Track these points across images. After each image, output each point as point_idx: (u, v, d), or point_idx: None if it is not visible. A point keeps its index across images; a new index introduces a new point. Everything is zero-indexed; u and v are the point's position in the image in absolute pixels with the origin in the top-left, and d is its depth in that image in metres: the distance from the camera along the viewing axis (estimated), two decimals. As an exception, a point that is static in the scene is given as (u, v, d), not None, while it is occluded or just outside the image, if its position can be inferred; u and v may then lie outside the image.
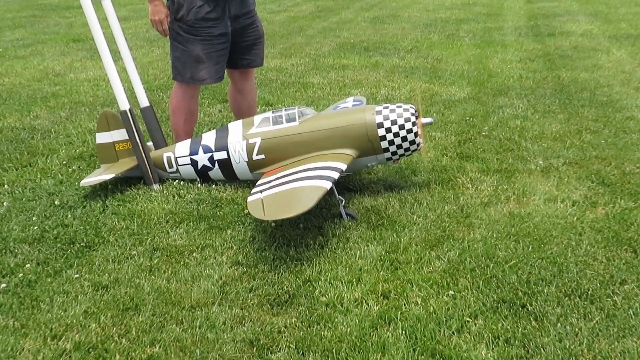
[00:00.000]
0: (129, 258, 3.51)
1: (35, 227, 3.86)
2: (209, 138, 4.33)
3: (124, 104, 4.40)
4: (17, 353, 2.75)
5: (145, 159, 4.39)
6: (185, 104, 4.82)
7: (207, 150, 4.29)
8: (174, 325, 2.90)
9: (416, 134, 3.98)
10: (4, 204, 4.22)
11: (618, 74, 7.49)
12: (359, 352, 2.68)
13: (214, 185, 4.35)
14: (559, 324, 2.82)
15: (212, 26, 4.52)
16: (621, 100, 6.34)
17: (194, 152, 4.33)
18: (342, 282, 3.18)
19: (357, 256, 3.43)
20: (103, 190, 4.40)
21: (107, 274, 3.34)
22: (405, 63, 8.38)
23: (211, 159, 4.28)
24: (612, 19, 11.95)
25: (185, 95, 4.80)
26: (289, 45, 9.86)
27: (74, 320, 2.95)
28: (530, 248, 3.46)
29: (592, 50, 8.97)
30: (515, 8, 13.76)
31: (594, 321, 2.84)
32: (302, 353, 2.69)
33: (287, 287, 3.17)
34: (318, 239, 3.62)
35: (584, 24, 11.33)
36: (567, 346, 2.69)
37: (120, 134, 4.44)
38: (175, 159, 4.39)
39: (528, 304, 2.97)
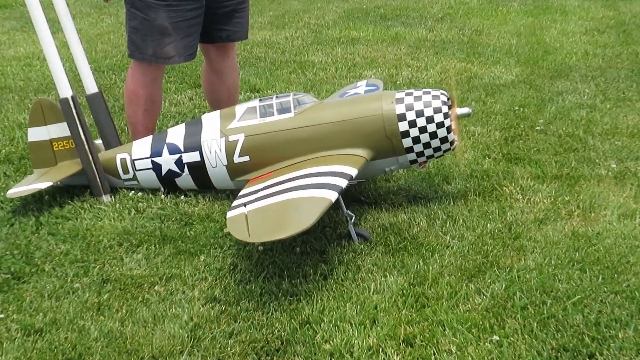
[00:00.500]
0: (71, 293, 3.50)
1: (-53, 252, 3.88)
2: (176, 135, 4.34)
3: (66, 90, 4.41)
4: None
5: (92, 162, 4.39)
6: (145, 89, 4.83)
7: (174, 150, 4.30)
8: (129, 382, 2.90)
9: (449, 129, 3.98)
10: None
11: None
12: (374, 418, 2.68)
13: (182, 197, 4.36)
14: (638, 380, 2.82)
15: None
16: None
17: (156, 152, 4.35)
18: (351, 325, 3.17)
19: (372, 290, 3.42)
20: (37, 203, 4.40)
21: (41, 314, 3.32)
22: (435, 35, 8.41)
23: (179, 162, 4.29)
24: None
25: (146, 78, 4.82)
26: (281, 13, 9.91)
27: (-2, 375, 2.95)
28: (600, 279, 3.44)
29: (681, 18, 8.98)
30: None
31: (686, 376, 2.84)
32: (299, 419, 2.69)
33: (279, 331, 3.15)
34: (320, 268, 3.61)
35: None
36: (650, 409, 2.69)
37: (59, 129, 4.45)
38: (132, 161, 4.40)
39: (597, 353, 2.95)
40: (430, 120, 3.93)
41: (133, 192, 4.45)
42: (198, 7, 4.63)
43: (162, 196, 4.38)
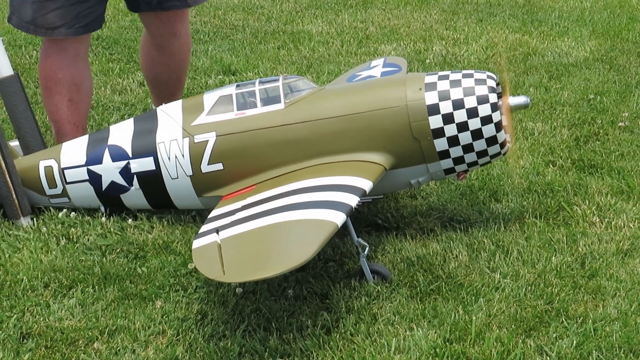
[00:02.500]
0: (-22, 352, 3.51)
1: None
2: (121, 134, 4.38)
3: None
4: None
5: (6, 171, 4.40)
6: (65, 71, 4.90)
7: (118, 155, 4.33)
8: None
9: (498, 126, 4.00)
10: None
11: None
12: None
13: (130, 220, 4.39)
14: None
15: None
16: None
17: (94, 159, 4.38)
18: (366, 396, 3.20)
19: (393, 348, 3.42)
20: None
21: (-63, 382, 3.35)
22: (478, -3, 8.46)
23: (126, 172, 4.32)
24: None
25: (63, 56, 4.89)
26: (265, -35, 9.96)
27: None
28: None
29: None
30: None
31: None
32: None
33: (265, 405, 3.18)
34: (321, 317, 3.62)
35: None
36: None
37: (-40, 127, 4.47)
38: (61, 171, 4.43)
39: None
40: (473, 113, 3.95)
41: (63, 212, 4.47)
42: None
43: (103, 219, 4.41)
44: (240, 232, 3.54)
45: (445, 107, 3.94)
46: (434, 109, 3.94)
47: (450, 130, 3.95)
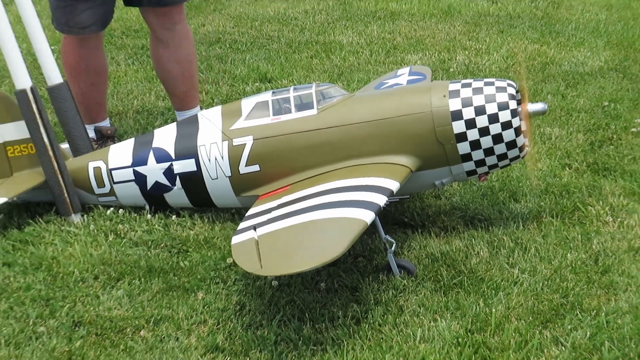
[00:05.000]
0: (34, 338, 3.53)
1: None
2: (165, 137, 4.41)
3: (23, 80, 4.46)
4: None
5: (58, 171, 4.44)
6: (87, 61, 5.10)
7: (162, 157, 4.36)
8: None
9: (518, 131, 4.00)
10: None
11: None
12: None
13: (174, 217, 4.43)
14: None
15: None
16: None
17: (140, 160, 4.41)
18: (393, 382, 3.22)
19: (418, 338, 3.44)
20: (-14, 223, 4.46)
21: (-4, 366, 3.38)
22: (500, 9, 8.44)
23: (169, 173, 4.35)
24: None
25: (82, 46, 5.07)
26: (299, -21, 9.95)
27: None
28: None
29: None
30: None
31: None
32: None
33: (300, 389, 3.20)
34: (351, 309, 3.65)
35: None
36: None
37: (16, 130, 4.52)
38: (109, 172, 4.47)
39: None
40: (494, 119, 3.95)
41: (111, 210, 4.50)
42: None
43: (148, 216, 4.44)
44: (276, 229, 3.56)
45: (468, 113, 3.95)
46: (457, 115, 3.95)
47: (473, 134, 3.96)
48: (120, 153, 4.47)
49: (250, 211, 3.86)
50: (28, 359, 3.41)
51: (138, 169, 4.40)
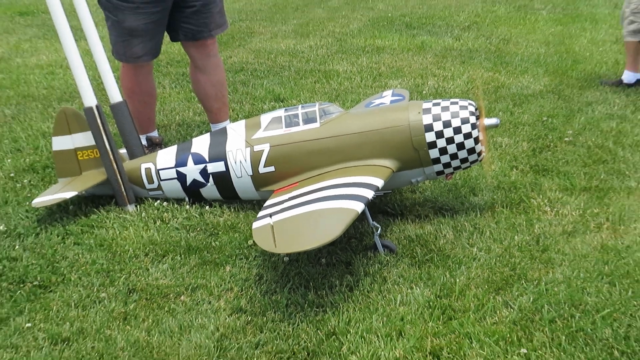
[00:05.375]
0: (97, 302, 3.54)
1: (-27, 261, 3.94)
2: (201, 144, 4.39)
3: (90, 99, 4.46)
4: None
5: (117, 171, 4.45)
6: (140, 85, 5.13)
7: (198, 160, 4.34)
8: (156, 392, 2.96)
9: (477, 140, 3.99)
10: None
11: None
12: None
13: (207, 207, 4.41)
14: (668, 395, 2.84)
15: None
16: None
17: (181, 162, 4.39)
18: (377, 336, 3.20)
19: (398, 302, 3.45)
20: (62, 212, 4.46)
21: (68, 323, 3.37)
22: (462, 44, 8.42)
23: (204, 172, 4.34)
24: None
25: (137, 74, 5.08)
26: (305, 21, 9.95)
27: (26, 384, 3.01)
28: (630, 292, 3.45)
29: None
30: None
31: None
32: None
33: (305, 341, 3.19)
34: (346, 279, 3.64)
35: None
36: None
37: (84, 139, 4.50)
38: (157, 171, 4.46)
39: (627, 368, 2.98)
40: (457, 131, 3.94)
41: (158, 202, 4.49)
42: (163, 9, 4.83)
43: (187, 206, 4.43)
44: (287, 216, 3.56)
45: (438, 126, 3.93)
46: (429, 127, 3.93)
47: (441, 143, 3.94)
48: (166, 157, 4.46)
49: (267, 202, 3.85)
50: (92, 318, 3.42)
51: (180, 169, 4.39)
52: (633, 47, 6.67)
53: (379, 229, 3.88)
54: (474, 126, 3.96)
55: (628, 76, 6.69)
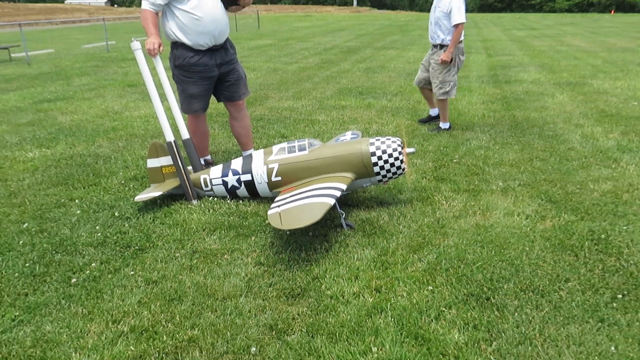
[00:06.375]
0: (174, 259, 3.52)
1: (99, 234, 3.88)
2: (237, 164, 4.35)
3: (169, 136, 4.43)
4: (85, 334, 2.77)
5: (186, 180, 4.40)
6: (199, 128, 5.05)
7: (235, 173, 4.30)
8: (209, 313, 2.91)
9: (402, 161, 3.99)
10: (75, 214, 4.24)
11: (561, 113, 7.53)
12: (357, 335, 2.69)
13: (240, 201, 4.36)
14: (516, 313, 2.83)
15: (201, 71, 4.70)
16: (564, 134, 6.38)
17: (225, 174, 4.35)
18: (343, 279, 3.19)
19: (355, 258, 3.44)
20: (153, 204, 4.41)
21: (156, 272, 3.35)
22: (392, 104, 8.43)
23: (239, 180, 4.29)
24: (556, 69, 12.03)
25: (196, 121, 5.02)
26: (299, 90, 9.93)
27: (130, 309, 2.96)
28: (492, 252, 3.47)
29: (540, 94, 9.02)
30: (478, 61, 13.86)
31: (544, 311, 2.85)
32: (312, 336, 2.70)
33: (299, 282, 3.17)
34: (324, 244, 3.63)
35: (533, 73, 11.41)
36: (523, 331, 2.70)
37: (166, 160, 4.47)
38: (210, 180, 4.40)
39: (491, 297, 2.97)
40: (390, 155, 3.94)
41: (211, 198, 4.43)
42: (211, 83, 4.83)
43: (228, 201, 4.37)
44: (289, 207, 3.54)
45: (379, 153, 3.92)
46: (373, 154, 3.92)
47: (380, 163, 3.93)
48: (215, 171, 4.41)
49: (277, 198, 3.82)
50: (170, 268, 3.38)
51: (224, 178, 4.34)
52: (443, 104, 6.56)
53: (344, 214, 3.88)
54: (400, 153, 3.96)
55: (444, 125, 6.64)
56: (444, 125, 6.65)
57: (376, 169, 3.97)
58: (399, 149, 3.97)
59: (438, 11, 6.12)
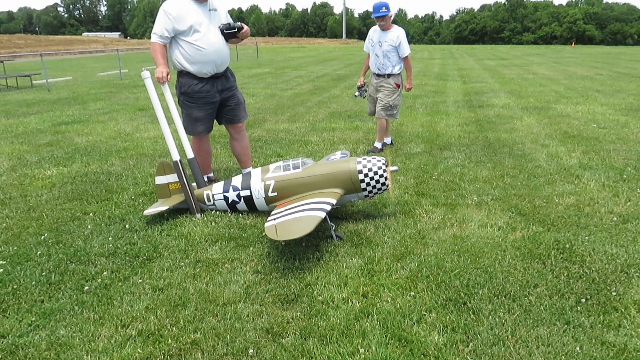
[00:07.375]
0: (179, 268, 3.48)
1: (110, 245, 3.84)
2: (237, 180, 4.33)
3: (175, 156, 4.40)
4: (96, 338, 2.73)
5: (190, 195, 4.38)
6: (202, 148, 5.03)
7: (235, 189, 4.28)
8: (211, 318, 2.87)
9: (386, 178, 3.99)
10: (88, 227, 4.20)
11: (528, 134, 7.60)
12: (346, 338, 2.66)
13: (240, 215, 4.33)
14: (490, 317, 2.82)
15: (204, 97, 4.70)
16: (531, 153, 6.42)
17: (226, 190, 4.33)
18: (333, 286, 3.16)
19: (344, 267, 3.42)
20: (160, 217, 4.38)
21: (162, 280, 3.31)
22: (372, 142, 8.46)
23: (238, 196, 4.27)
24: (524, 95, 12.16)
25: (200, 142, 4.99)
26: (294, 114, 9.96)
27: (138, 314, 2.92)
28: (468, 261, 3.46)
29: (510, 117, 9.10)
30: (454, 87, 14.00)
31: (516, 315, 2.84)
32: (305, 338, 2.67)
33: (293, 289, 3.14)
34: (315, 254, 3.60)
35: (503, 99, 11.52)
36: (497, 333, 2.68)
37: (173, 177, 4.44)
38: (212, 195, 4.38)
39: (468, 302, 2.96)
40: (375, 173, 3.94)
41: (213, 212, 4.40)
42: (213, 107, 4.82)
43: (229, 215, 4.34)
44: (284, 220, 3.52)
45: (365, 171, 3.93)
46: (360, 172, 3.93)
47: (367, 180, 3.94)
48: (217, 187, 4.38)
49: (273, 212, 3.80)
50: (175, 277, 3.31)
51: (225, 194, 4.31)
52: (386, 124, 6.59)
53: (334, 227, 3.87)
54: (384, 171, 3.97)
55: (379, 144, 6.67)
56: (378, 144, 6.67)
57: (363, 185, 3.96)
58: (384, 167, 3.97)
59: (386, 45, 6.30)
